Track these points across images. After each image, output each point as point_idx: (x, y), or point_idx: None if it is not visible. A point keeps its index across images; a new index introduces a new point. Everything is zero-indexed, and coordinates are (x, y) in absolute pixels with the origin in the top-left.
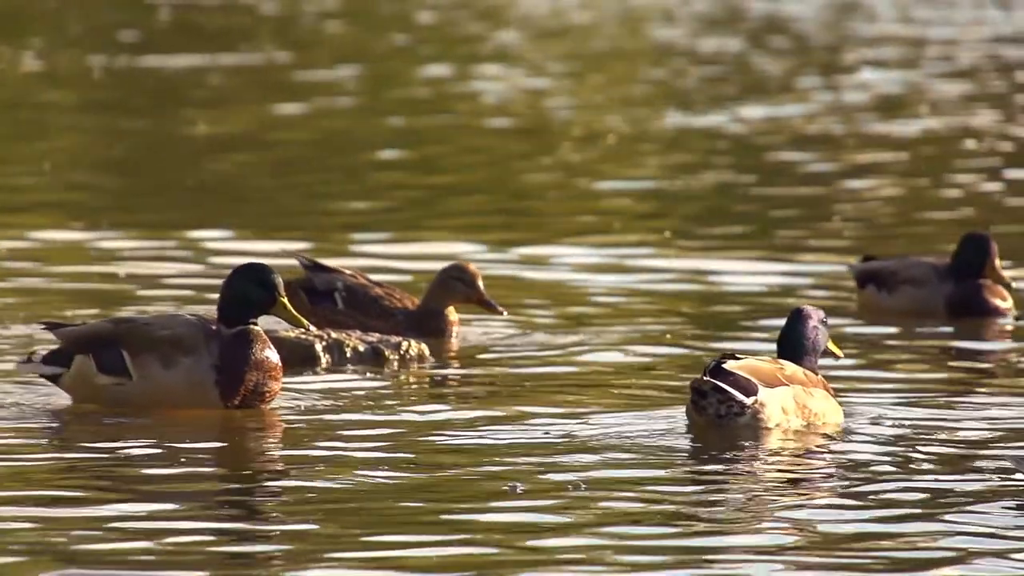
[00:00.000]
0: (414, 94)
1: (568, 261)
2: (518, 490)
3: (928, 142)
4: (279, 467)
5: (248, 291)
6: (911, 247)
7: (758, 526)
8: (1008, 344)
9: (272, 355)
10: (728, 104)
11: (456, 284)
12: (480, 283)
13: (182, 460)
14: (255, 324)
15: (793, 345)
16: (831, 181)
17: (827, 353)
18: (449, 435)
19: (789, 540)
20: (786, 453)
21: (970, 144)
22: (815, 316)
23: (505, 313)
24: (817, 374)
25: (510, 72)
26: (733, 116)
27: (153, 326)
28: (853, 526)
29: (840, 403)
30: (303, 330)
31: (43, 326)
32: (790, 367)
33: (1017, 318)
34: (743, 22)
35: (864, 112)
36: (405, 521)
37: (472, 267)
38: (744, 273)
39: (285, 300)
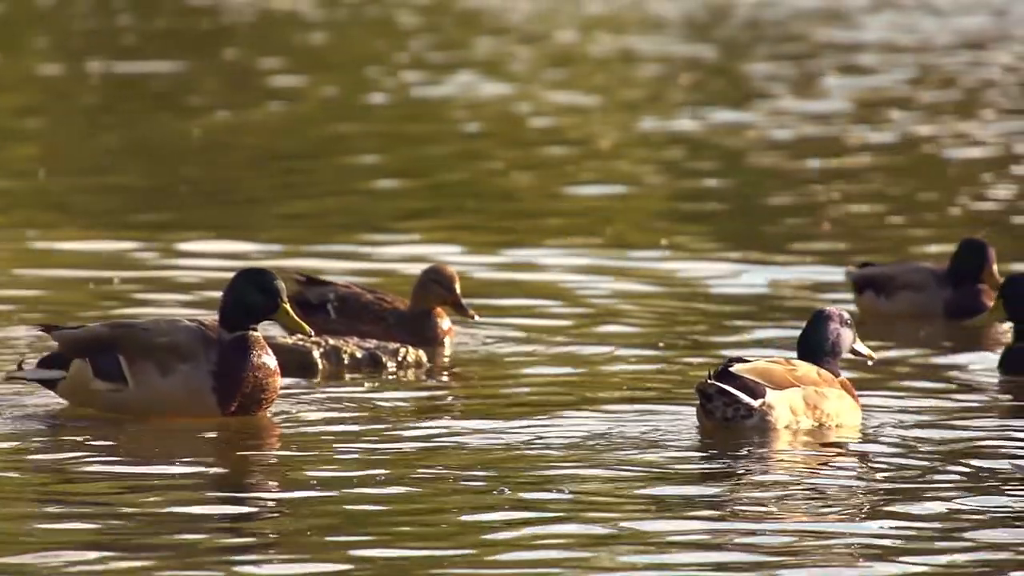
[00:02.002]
0: (393, 98)
1: (558, 264)
2: (505, 493)
3: (905, 147)
4: (275, 473)
5: (250, 296)
6: (897, 251)
7: (755, 529)
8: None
9: (271, 361)
10: (705, 109)
11: (433, 286)
12: (457, 286)
13: (177, 467)
14: (255, 330)
15: (813, 346)
16: (814, 185)
17: (856, 354)
18: (445, 440)
19: (787, 543)
20: (789, 455)
21: (950, 149)
22: (836, 318)
23: (477, 317)
24: (838, 375)
25: (489, 77)
26: (710, 120)
27: (151, 332)
28: (854, 533)
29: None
30: (304, 336)
31: (40, 328)
32: (803, 367)
33: (969, 326)
34: (722, 28)
35: (840, 117)
36: (401, 526)
37: (450, 270)
38: (736, 277)
39: (287, 306)
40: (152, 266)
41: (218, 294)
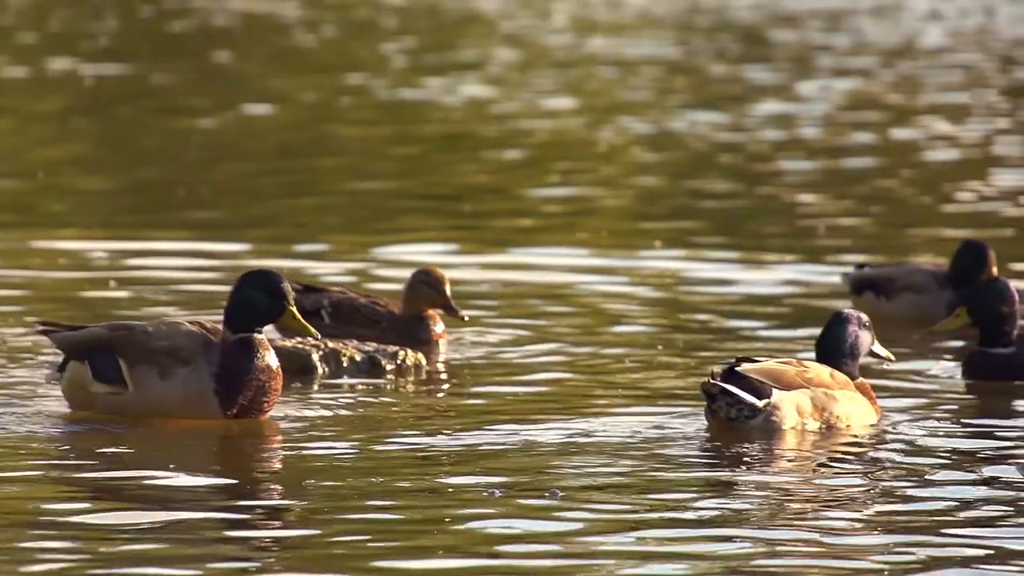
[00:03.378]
0: (377, 100)
1: (549, 265)
2: (496, 495)
3: (887, 150)
4: (274, 476)
5: (256, 299)
6: (883, 252)
7: (749, 536)
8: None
9: (272, 364)
10: (685, 110)
11: (423, 288)
12: (447, 287)
13: (175, 470)
14: (259, 332)
15: (831, 348)
16: (800, 188)
17: (875, 356)
18: (443, 442)
19: (781, 547)
20: (788, 457)
21: (934, 151)
22: (855, 320)
23: (467, 318)
24: (855, 378)
25: (475, 80)
26: (694, 121)
27: (152, 335)
28: (854, 534)
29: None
30: (310, 339)
31: (39, 328)
32: (815, 369)
33: (931, 331)
34: (704, 29)
35: (821, 120)
36: (397, 529)
37: (439, 271)
38: (728, 277)
39: (294, 309)
40: (137, 267)
41: (205, 293)
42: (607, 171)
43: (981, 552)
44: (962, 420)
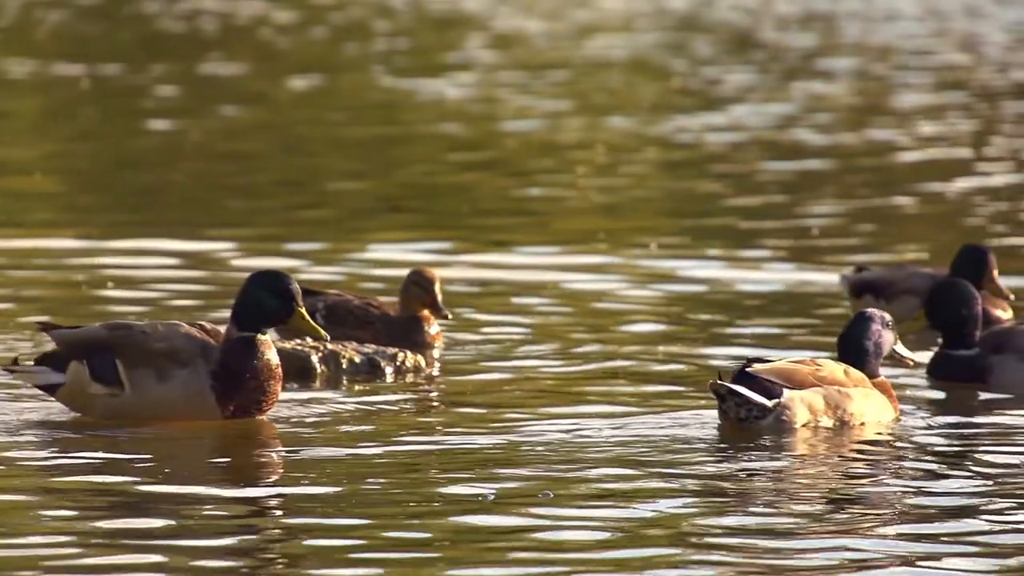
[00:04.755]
0: (371, 103)
1: (542, 265)
2: (490, 499)
3: (874, 151)
4: (271, 477)
5: (263, 300)
6: (875, 253)
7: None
8: None
9: (272, 364)
10: (679, 112)
11: (414, 288)
12: (436, 288)
13: (171, 472)
14: (264, 333)
15: (854, 347)
16: (794, 189)
17: (897, 356)
18: (442, 444)
19: (781, 547)
20: (792, 458)
21: (926, 153)
22: (878, 319)
23: (450, 316)
24: (876, 376)
25: (466, 82)
26: (685, 124)
27: (150, 336)
28: (856, 535)
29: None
30: (306, 340)
31: (38, 327)
32: (829, 367)
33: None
34: (695, 31)
35: (811, 120)
36: (394, 531)
37: (430, 272)
38: (722, 278)
39: (303, 310)
40: (123, 266)
41: (188, 293)
42: (595, 171)
43: (985, 552)
44: (965, 419)
